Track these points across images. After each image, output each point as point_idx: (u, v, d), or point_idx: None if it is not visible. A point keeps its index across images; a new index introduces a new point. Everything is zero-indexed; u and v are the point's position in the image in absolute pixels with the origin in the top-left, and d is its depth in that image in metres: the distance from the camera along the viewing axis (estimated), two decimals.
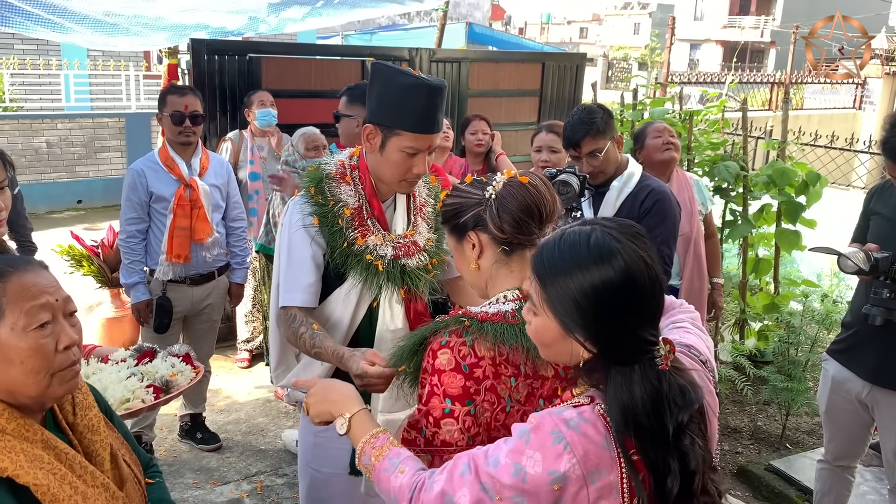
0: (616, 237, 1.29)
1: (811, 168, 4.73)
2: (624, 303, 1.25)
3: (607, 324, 1.25)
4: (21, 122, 9.87)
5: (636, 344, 1.25)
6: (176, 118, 3.51)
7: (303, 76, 5.44)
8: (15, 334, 1.29)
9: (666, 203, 2.85)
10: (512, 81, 6.41)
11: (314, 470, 2.31)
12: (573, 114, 2.96)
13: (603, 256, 1.26)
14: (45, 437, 1.32)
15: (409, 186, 2.18)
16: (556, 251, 1.30)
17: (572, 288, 1.26)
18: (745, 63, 34.52)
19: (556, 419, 1.23)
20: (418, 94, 2.00)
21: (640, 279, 1.26)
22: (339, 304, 2.17)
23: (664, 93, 6.50)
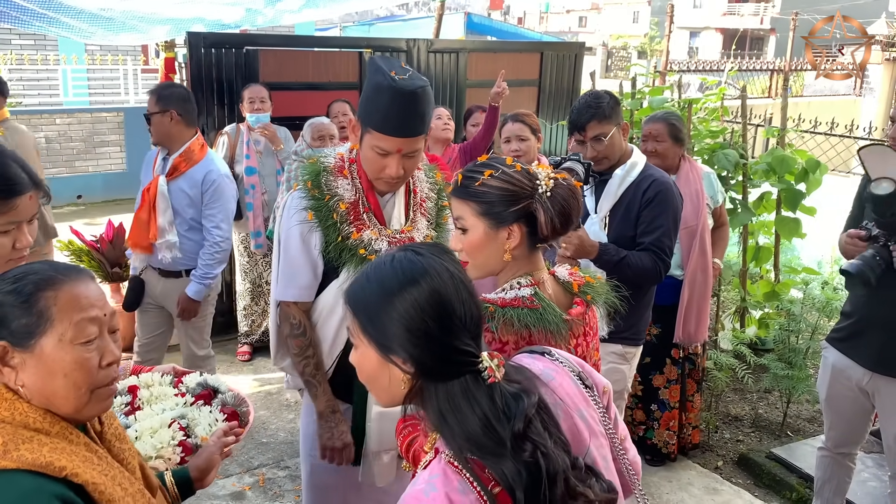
0: (418, 252, 1.29)
1: (811, 155, 4.72)
2: (432, 316, 1.22)
3: (419, 339, 1.22)
4: (20, 118, 9.85)
5: (451, 357, 1.21)
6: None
7: (300, 68, 5.43)
8: (62, 346, 1.25)
9: (668, 193, 2.85)
10: (510, 71, 6.36)
11: (315, 458, 2.33)
12: (580, 98, 2.97)
13: (406, 272, 1.25)
14: (87, 441, 1.30)
15: (387, 186, 2.15)
16: (363, 278, 1.29)
17: (381, 309, 1.24)
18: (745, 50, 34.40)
19: (414, 497, 1.19)
20: (384, 95, 1.98)
21: (444, 291, 1.23)
22: (332, 298, 2.18)
23: (663, 81, 6.48)
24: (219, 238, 3.59)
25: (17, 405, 1.24)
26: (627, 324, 2.58)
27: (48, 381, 1.25)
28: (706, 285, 3.65)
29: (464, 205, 1.70)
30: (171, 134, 3.49)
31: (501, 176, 1.67)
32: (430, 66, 5.86)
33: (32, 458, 1.18)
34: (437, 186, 2.34)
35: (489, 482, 1.17)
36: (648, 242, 2.80)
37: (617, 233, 2.87)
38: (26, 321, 1.23)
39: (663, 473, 3.83)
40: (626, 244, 2.81)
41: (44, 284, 1.26)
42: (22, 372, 1.24)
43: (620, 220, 2.88)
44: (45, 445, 1.21)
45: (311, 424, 2.33)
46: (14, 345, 1.24)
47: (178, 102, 3.46)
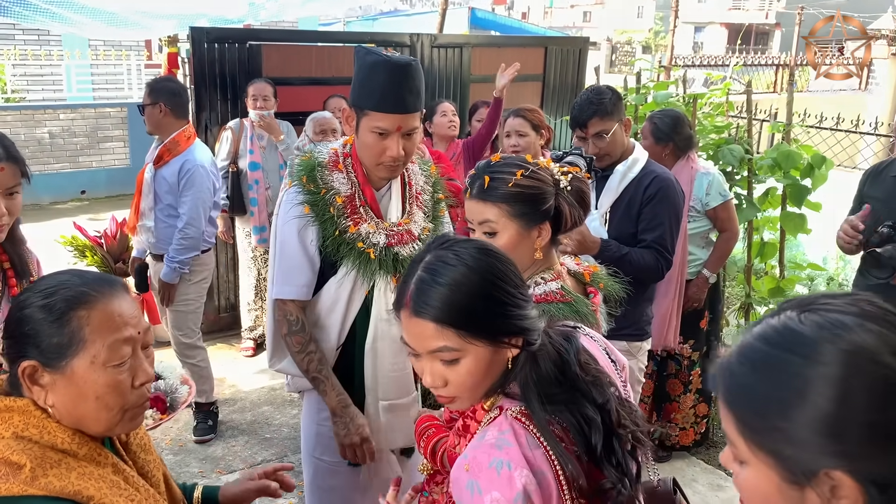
0: (458, 248, 1.29)
1: (816, 151, 4.70)
2: (496, 286, 1.25)
3: (506, 306, 1.25)
4: (23, 113, 9.86)
5: (531, 312, 1.28)
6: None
7: (304, 63, 5.41)
8: (94, 368, 1.20)
9: (670, 190, 2.82)
10: None
11: (317, 459, 2.32)
12: (582, 94, 2.95)
13: (462, 262, 1.26)
14: (114, 461, 1.25)
15: (388, 171, 2.14)
16: (432, 287, 1.26)
17: (466, 300, 1.24)
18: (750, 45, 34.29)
19: (485, 450, 1.21)
20: (380, 71, 1.99)
21: (494, 264, 1.27)
22: (332, 293, 2.16)
23: (668, 76, 6.45)
24: (185, 224, 3.72)
25: (47, 424, 1.19)
26: (629, 320, 2.57)
27: (79, 403, 1.20)
28: (669, 293, 3.51)
29: (493, 207, 1.68)
30: (161, 124, 3.71)
31: (532, 175, 1.67)
32: (434, 61, 5.85)
33: (61, 486, 1.14)
34: (431, 179, 2.34)
35: (557, 435, 1.22)
36: (650, 240, 2.78)
37: (617, 229, 2.85)
38: (58, 341, 1.18)
39: (667, 470, 3.82)
40: (626, 240, 2.79)
41: (76, 302, 1.20)
42: (52, 392, 1.20)
43: (621, 217, 2.86)
44: (74, 470, 1.17)
45: (313, 425, 2.32)
46: (44, 364, 1.19)
47: (168, 95, 3.69)
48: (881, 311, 0.88)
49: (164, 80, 4.01)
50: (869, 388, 0.82)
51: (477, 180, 1.71)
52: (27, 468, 1.13)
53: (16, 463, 1.13)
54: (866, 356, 0.83)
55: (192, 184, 3.70)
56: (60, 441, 1.19)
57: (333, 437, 2.20)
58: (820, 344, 0.85)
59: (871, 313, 0.87)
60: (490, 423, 1.27)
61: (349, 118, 2.11)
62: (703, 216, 3.75)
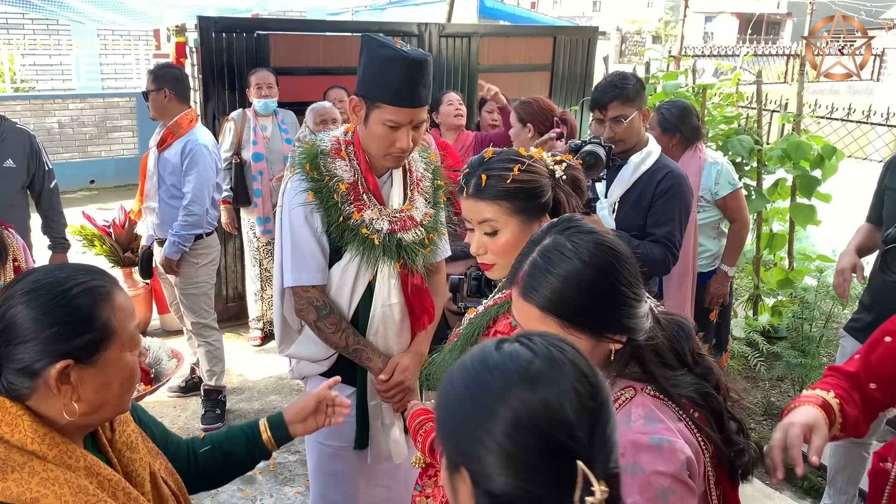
0: (572, 236, 1.30)
1: (827, 141, 4.67)
2: (612, 278, 1.26)
3: (615, 303, 1.26)
4: (33, 103, 9.89)
5: (641, 307, 1.29)
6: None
7: (311, 53, 5.40)
8: (123, 356, 1.24)
9: (682, 186, 2.82)
10: (523, 56, 6.34)
11: (321, 444, 2.34)
12: (606, 76, 2.94)
13: (576, 253, 1.26)
14: (88, 463, 1.22)
15: (396, 161, 2.15)
16: (541, 272, 1.27)
17: (571, 292, 1.25)
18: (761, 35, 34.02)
19: (639, 431, 1.22)
20: (397, 67, 1.98)
21: (610, 256, 1.27)
22: (337, 279, 2.18)
23: (678, 66, 6.41)
24: (189, 202, 3.80)
25: (20, 422, 1.17)
26: None
27: (104, 391, 1.22)
28: (684, 285, 3.46)
29: (492, 205, 1.64)
30: (165, 109, 3.82)
31: (529, 169, 1.64)
32: (442, 51, 5.82)
33: (18, 493, 1.12)
34: (431, 166, 2.35)
35: (689, 407, 1.28)
36: (660, 235, 2.77)
37: (626, 220, 2.84)
38: (91, 336, 1.19)
39: None
40: (632, 232, 2.78)
41: (98, 294, 1.21)
42: (80, 388, 1.20)
43: (631, 208, 2.85)
44: (37, 475, 1.15)
45: None
46: (77, 361, 1.18)
47: (172, 81, 3.81)
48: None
49: (167, 66, 4.07)
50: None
51: (472, 178, 1.66)
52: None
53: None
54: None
55: (195, 163, 3.79)
56: (30, 441, 1.17)
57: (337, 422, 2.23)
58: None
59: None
60: (628, 403, 1.28)
61: (357, 108, 2.10)
62: (713, 206, 3.73)
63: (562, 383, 0.86)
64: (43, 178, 3.87)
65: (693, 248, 3.50)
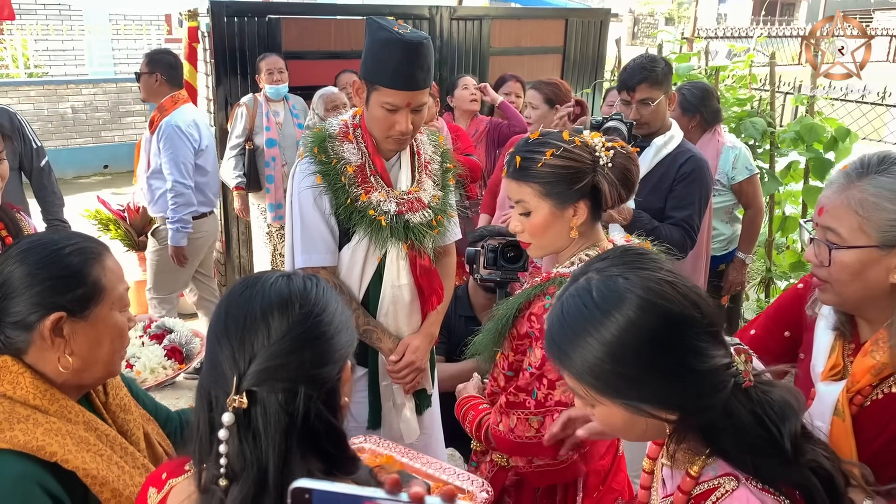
0: (619, 274, 1.07)
1: (841, 123, 4.63)
2: (666, 340, 1.01)
3: (666, 374, 1.02)
4: (46, 88, 9.93)
5: (711, 377, 1.02)
6: None
7: (322, 37, 5.40)
8: (111, 314, 1.31)
9: (704, 172, 2.83)
10: (534, 38, 6.31)
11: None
12: (635, 58, 2.95)
13: (613, 302, 1.03)
14: (87, 419, 1.30)
15: (397, 144, 2.17)
16: (565, 329, 1.07)
17: (602, 357, 1.02)
18: (775, 16, 33.62)
19: None
20: (393, 49, 2.00)
21: (666, 304, 1.02)
22: (346, 261, 2.21)
23: (690, 48, 6.37)
24: (171, 184, 3.90)
25: (21, 380, 1.24)
26: None
27: (95, 348, 1.30)
28: (698, 267, 3.40)
29: (525, 187, 1.67)
30: (155, 93, 3.96)
31: (563, 154, 1.64)
32: (453, 34, 5.81)
33: (25, 441, 1.18)
34: (440, 149, 2.36)
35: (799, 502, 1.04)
36: (680, 218, 2.78)
37: (645, 202, 2.85)
38: (83, 291, 1.27)
39: None
40: (651, 214, 2.79)
41: (89, 255, 1.29)
42: (73, 341, 1.27)
43: (651, 191, 2.85)
44: (41, 426, 1.21)
45: None
46: (70, 314, 1.26)
47: (165, 67, 3.94)
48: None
49: (162, 52, 4.17)
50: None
51: (512, 159, 1.71)
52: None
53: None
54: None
55: (166, 144, 3.89)
56: (32, 397, 1.24)
57: (350, 403, 2.27)
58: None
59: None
60: (728, 496, 1.04)
61: (359, 90, 2.13)
62: (728, 191, 3.72)
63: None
64: (31, 157, 3.69)
65: (707, 232, 3.49)
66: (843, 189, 1.33)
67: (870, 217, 1.29)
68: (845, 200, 1.32)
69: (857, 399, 1.36)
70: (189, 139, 3.96)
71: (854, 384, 1.36)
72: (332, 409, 1.02)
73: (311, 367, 0.99)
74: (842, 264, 1.33)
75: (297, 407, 0.97)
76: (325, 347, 1.02)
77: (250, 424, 0.96)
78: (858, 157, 1.37)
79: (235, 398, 0.95)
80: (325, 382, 1.01)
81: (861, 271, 1.32)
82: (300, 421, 0.97)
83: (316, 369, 1.00)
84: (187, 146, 3.94)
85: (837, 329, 1.46)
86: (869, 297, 1.36)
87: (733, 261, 3.79)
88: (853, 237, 1.31)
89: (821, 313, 1.51)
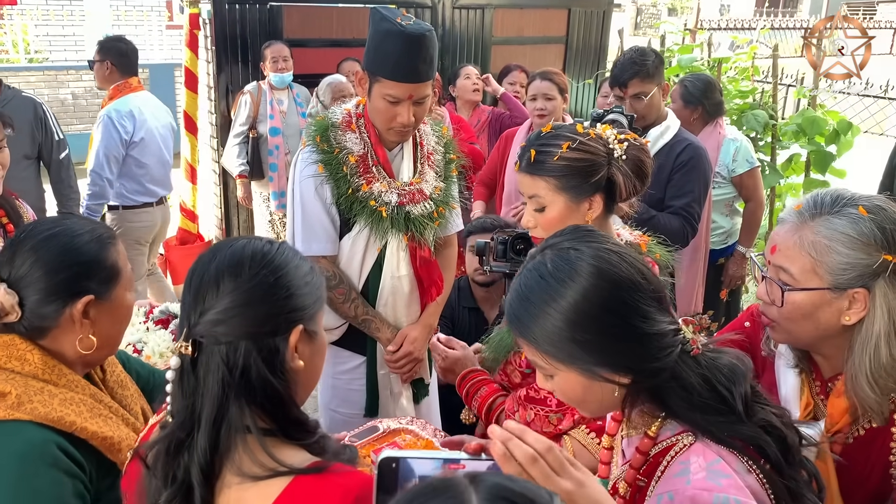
0: (570, 247, 1.12)
1: (843, 116, 4.62)
2: (616, 304, 1.08)
3: (617, 337, 1.08)
4: (46, 74, 9.90)
5: (658, 340, 1.09)
6: None
7: (324, 25, 5.38)
8: (127, 295, 1.39)
9: (702, 160, 2.83)
10: (537, 28, 6.29)
11: (332, 411, 2.40)
12: (625, 53, 2.94)
13: (567, 273, 1.09)
14: (92, 392, 1.36)
15: (399, 136, 2.17)
16: (525, 303, 1.12)
17: (560, 324, 1.08)
18: (779, 8, 33.51)
19: (699, 487, 1.03)
20: (395, 41, 1.99)
21: (615, 270, 1.09)
22: (346, 250, 2.22)
23: (693, 40, 6.35)
24: (91, 170, 3.92)
25: (29, 357, 1.30)
26: None
27: (114, 326, 1.39)
28: (697, 260, 3.40)
29: (539, 181, 1.66)
30: (105, 80, 4.00)
31: (580, 147, 1.63)
32: (455, 23, 5.79)
33: (45, 412, 1.25)
34: (443, 140, 2.36)
35: (758, 457, 1.08)
36: (679, 206, 2.78)
37: (645, 194, 2.84)
38: (104, 275, 1.35)
39: None
40: (651, 206, 2.78)
41: (104, 241, 1.37)
42: (97, 323, 1.34)
43: (650, 181, 2.85)
44: (56, 397, 1.28)
45: (328, 379, 2.40)
46: (97, 297, 1.33)
47: (116, 55, 3.95)
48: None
49: (115, 39, 4.13)
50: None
51: (526, 153, 1.69)
52: (12, 395, 1.25)
53: (0, 392, 1.25)
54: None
55: (97, 133, 3.91)
56: (41, 372, 1.30)
57: (346, 389, 2.34)
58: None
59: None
60: (686, 450, 1.09)
61: (362, 81, 2.13)
62: (729, 183, 3.72)
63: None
64: (51, 149, 3.70)
65: (706, 224, 3.50)
66: (797, 229, 1.33)
67: (822, 260, 1.29)
68: (798, 241, 1.32)
69: (840, 437, 1.36)
70: (120, 130, 3.91)
71: (832, 425, 1.36)
72: (273, 368, 1.07)
73: (253, 326, 1.06)
74: (794, 305, 1.33)
75: (236, 361, 1.05)
76: (270, 309, 1.08)
77: (194, 371, 1.06)
78: (811, 195, 1.37)
79: (182, 344, 1.06)
80: (267, 342, 1.07)
81: (812, 312, 1.32)
82: (238, 374, 1.05)
83: (257, 328, 1.06)
84: (114, 138, 3.91)
85: (797, 366, 1.45)
86: (820, 338, 1.36)
87: (733, 254, 3.78)
88: (805, 279, 1.31)
89: (778, 352, 1.49)
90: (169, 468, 1.04)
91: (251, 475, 1.02)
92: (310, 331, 1.13)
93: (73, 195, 3.79)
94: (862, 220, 1.27)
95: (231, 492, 1.04)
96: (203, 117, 5.38)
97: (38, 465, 1.21)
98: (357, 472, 1.06)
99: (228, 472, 1.04)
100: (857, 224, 1.27)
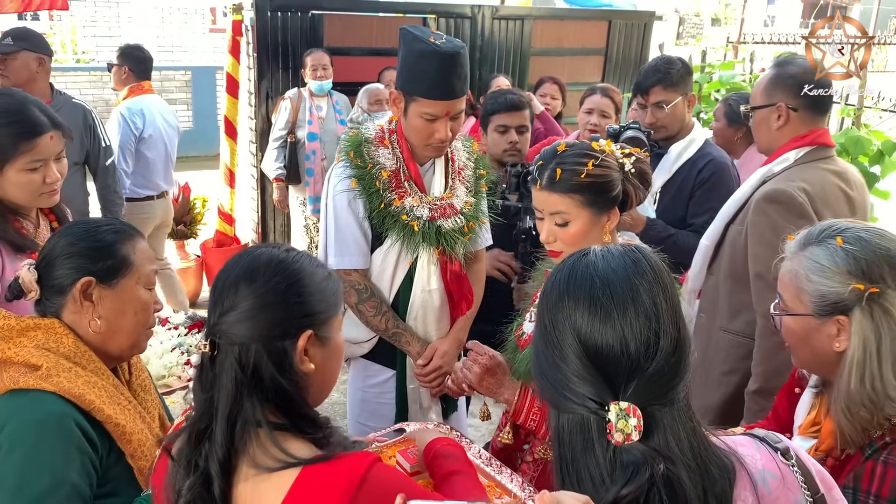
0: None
1: (888, 137, 4.52)
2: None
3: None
4: (92, 74, 10.13)
5: (563, 391, 1.03)
6: None
7: (364, 33, 5.42)
8: (137, 288, 1.49)
9: (724, 175, 2.76)
10: (576, 39, 6.27)
11: (362, 425, 2.41)
12: (651, 60, 2.91)
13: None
14: (116, 383, 1.48)
15: (436, 151, 2.20)
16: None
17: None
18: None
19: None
20: (430, 60, 2.02)
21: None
22: (378, 264, 2.24)
23: (735, 55, 6.27)
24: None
25: (64, 339, 1.43)
26: None
27: (120, 317, 1.47)
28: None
29: (565, 198, 1.72)
30: (122, 83, 4.32)
31: (602, 164, 1.71)
32: (495, 33, 5.79)
33: (69, 387, 1.37)
34: (474, 156, 2.38)
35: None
36: (699, 224, 2.71)
37: (667, 211, 2.79)
38: (111, 263, 1.46)
39: None
40: (674, 224, 2.74)
41: (123, 235, 1.49)
42: (100, 306, 1.45)
43: (672, 198, 2.80)
44: (81, 378, 1.40)
45: (358, 392, 2.42)
46: (99, 280, 1.44)
47: (134, 61, 4.29)
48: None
49: (134, 47, 4.41)
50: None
51: (545, 171, 1.73)
52: (43, 368, 1.38)
53: (34, 364, 1.39)
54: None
55: (112, 128, 4.16)
56: (73, 354, 1.43)
57: (376, 402, 2.36)
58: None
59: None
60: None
61: (396, 100, 2.15)
62: None
63: None
64: (98, 155, 3.72)
65: None
66: (790, 259, 1.43)
67: (803, 288, 1.38)
68: (787, 270, 1.42)
69: (833, 456, 1.41)
70: (131, 125, 4.20)
71: (821, 443, 1.43)
72: (281, 369, 1.15)
73: (263, 329, 1.14)
74: (787, 329, 1.44)
75: (248, 361, 1.13)
76: (280, 314, 1.16)
77: (212, 368, 1.15)
78: (810, 227, 1.45)
79: (202, 342, 1.16)
80: (276, 344, 1.15)
81: (805, 338, 1.41)
82: (250, 374, 1.13)
83: (267, 331, 1.14)
84: (127, 132, 4.19)
85: (816, 387, 1.53)
86: (822, 363, 1.42)
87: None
88: (793, 305, 1.41)
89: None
90: (191, 456, 1.14)
91: (265, 467, 1.10)
92: (321, 336, 1.20)
93: (119, 200, 3.83)
94: (836, 251, 1.34)
95: (248, 484, 1.12)
96: (243, 122, 5.46)
97: (53, 435, 1.32)
98: (361, 454, 1.14)
99: (245, 464, 1.12)
100: (831, 254, 1.35)
